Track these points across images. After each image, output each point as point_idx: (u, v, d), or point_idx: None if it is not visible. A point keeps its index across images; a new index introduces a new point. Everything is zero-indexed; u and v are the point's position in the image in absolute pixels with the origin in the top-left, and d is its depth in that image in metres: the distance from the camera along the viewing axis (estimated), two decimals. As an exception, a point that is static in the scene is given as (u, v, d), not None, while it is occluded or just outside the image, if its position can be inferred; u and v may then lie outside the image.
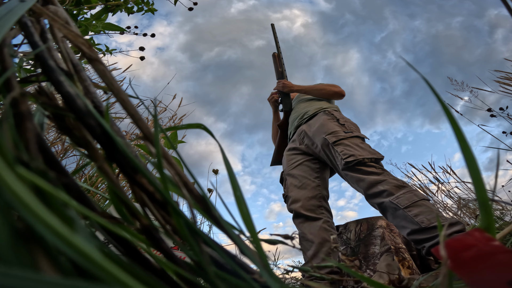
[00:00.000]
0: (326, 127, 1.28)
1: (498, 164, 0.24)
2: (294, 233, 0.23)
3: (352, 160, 1.11)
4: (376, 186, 1.05)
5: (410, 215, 0.94)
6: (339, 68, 34.59)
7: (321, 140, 1.26)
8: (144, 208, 0.20)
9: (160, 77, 12.30)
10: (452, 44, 22.25)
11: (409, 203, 0.96)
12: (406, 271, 1.25)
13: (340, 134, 1.22)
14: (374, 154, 1.14)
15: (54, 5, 0.30)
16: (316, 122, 1.36)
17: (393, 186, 1.02)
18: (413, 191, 1.00)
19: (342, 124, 1.29)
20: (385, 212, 1.04)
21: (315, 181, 1.33)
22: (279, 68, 1.70)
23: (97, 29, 1.01)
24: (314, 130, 1.33)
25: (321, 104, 1.49)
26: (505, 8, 0.35)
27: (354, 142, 1.19)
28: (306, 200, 1.28)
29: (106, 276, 0.12)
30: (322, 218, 1.24)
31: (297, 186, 1.34)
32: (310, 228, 1.23)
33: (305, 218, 1.26)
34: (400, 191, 1.00)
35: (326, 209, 1.29)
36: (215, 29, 31.18)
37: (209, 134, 0.26)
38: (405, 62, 0.25)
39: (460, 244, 0.19)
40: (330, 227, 1.23)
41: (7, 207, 0.12)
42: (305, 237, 1.23)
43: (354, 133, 1.23)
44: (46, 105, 0.20)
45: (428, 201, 0.99)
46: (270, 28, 1.77)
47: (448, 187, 2.55)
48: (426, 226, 0.90)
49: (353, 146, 1.16)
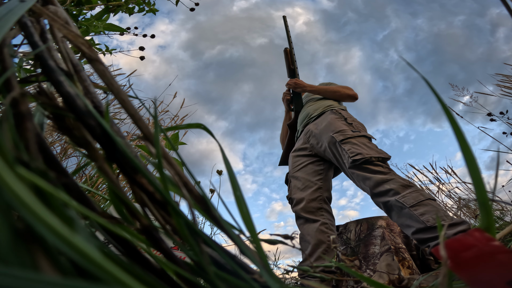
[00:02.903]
0: (333, 125, 1.28)
1: (498, 165, 0.24)
2: (294, 233, 0.23)
3: (360, 159, 1.11)
4: (383, 185, 1.05)
5: (416, 214, 0.94)
6: (341, 66, 34.61)
7: (328, 139, 1.26)
8: (144, 208, 0.20)
9: (161, 75, 12.30)
10: (454, 43, 22.25)
11: (415, 202, 0.96)
12: (406, 271, 1.25)
13: (347, 132, 1.22)
14: (381, 154, 1.14)
15: (54, 5, 0.30)
16: (323, 120, 1.36)
17: (399, 185, 1.02)
18: (420, 190, 1.00)
19: (350, 123, 1.29)
20: (390, 211, 1.04)
21: (317, 183, 1.34)
22: (291, 66, 1.60)
23: (98, 29, 1.01)
24: (321, 129, 1.33)
25: (328, 103, 1.48)
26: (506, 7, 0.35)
27: (361, 141, 1.19)
28: (307, 202, 1.30)
29: (106, 276, 0.12)
30: (320, 220, 1.26)
31: (300, 188, 1.36)
32: (308, 229, 1.26)
33: (305, 220, 1.29)
34: (407, 190, 1.00)
35: (326, 210, 1.30)
36: (217, 27, 31.18)
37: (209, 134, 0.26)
38: (405, 62, 0.25)
39: (460, 244, 0.19)
40: (328, 229, 1.24)
41: (7, 207, 0.12)
42: (304, 238, 1.27)
43: (362, 133, 1.24)
44: (46, 105, 0.20)
45: (434, 201, 0.98)
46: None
47: (449, 187, 2.55)
48: (431, 225, 0.90)
49: (360, 145, 1.16)
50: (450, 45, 23.00)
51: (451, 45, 22.85)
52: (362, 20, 35.23)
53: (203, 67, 28.29)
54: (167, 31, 23.33)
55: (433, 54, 31.33)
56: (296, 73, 1.62)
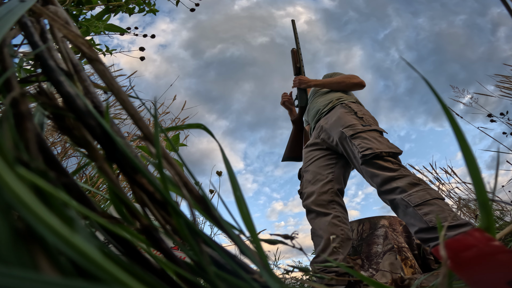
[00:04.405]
0: (343, 120, 1.26)
1: (498, 165, 0.24)
2: (294, 233, 0.23)
3: (370, 153, 1.09)
4: (390, 183, 1.03)
5: (420, 213, 0.93)
6: (342, 65, 34.55)
7: (338, 134, 1.24)
8: (144, 208, 0.20)
9: (162, 75, 12.26)
10: (455, 42, 22.24)
11: (421, 201, 0.95)
12: (409, 270, 1.25)
13: (357, 127, 1.20)
14: (392, 148, 1.11)
15: (54, 5, 0.30)
16: (333, 115, 1.34)
17: (407, 183, 1.00)
18: (427, 189, 0.98)
19: (360, 117, 1.26)
20: (397, 209, 1.03)
21: (328, 176, 1.31)
22: (297, 64, 1.67)
23: (98, 30, 1.01)
24: (331, 123, 1.31)
25: (338, 95, 1.45)
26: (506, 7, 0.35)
27: (372, 135, 1.16)
28: (318, 195, 1.27)
29: (106, 276, 0.12)
30: (331, 213, 1.22)
31: (311, 181, 1.33)
32: (320, 223, 1.22)
33: (316, 214, 1.25)
34: (414, 188, 0.98)
35: (338, 203, 1.27)
36: (218, 26, 31.16)
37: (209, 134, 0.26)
38: (405, 62, 0.25)
39: (460, 244, 0.19)
40: (341, 222, 1.21)
41: (7, 207, 0.12)
42: (316, 232, 1.23)
43: (373, 127, 1.20)
44: (46, 105, 0.20)
45: (442, 200, 0.97)
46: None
47: (449, 187, 2.55)
48: (434, 225, 0.89)
49: (370, 139, 1.14)
50: (451, 44, 22.97)
51: (452, 44, 22.82)
52: (363, 19, 35.17)
53: (204, 66, 28.21)
54: (168, 30, 23.31)
55: (434, 53, 31.26)
56: (302, 70, 1.67)
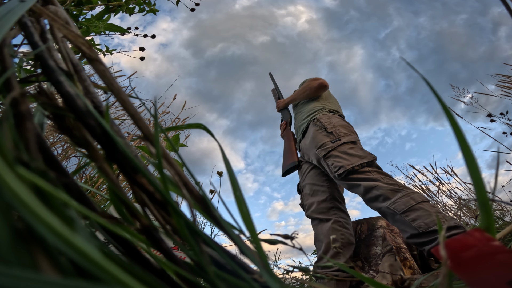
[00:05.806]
0: (315, 140, 1.30)
1: (498, 165, 0.24)
2: (294, 233, 0.23)
3: (343, 172, 1.12)
4: (371, 191, 1.04)
5: (408, 220, 0.93)
6: (343, 65, 34.57)
7: (315, 155, 1.29)
8: (144, 208, 0.20)
9: (163, 74, 12.25)
10: (456, 41, 22.27)
11: (406, 208, 0.95)
12: (408, 271, 1.25)
13: (328, 145, 1.23)
14: (365, 158, 1.13)
15: (54, 5, 0.30)
16: (308, 135, 1.40)
17: (387, 190, 1.01)
18: (410, 194, 0.99)
19: (330, 132, 1.28)
20: (386, 217, 1.04)
21: (324, 185, 1.36)
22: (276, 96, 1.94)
23: (99, 30, 1.01)
24: (307, 145, 1.37)
25: (310, 108, 1.50)
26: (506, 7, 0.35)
27: (342, 150, 1.19)
28: (318, 204, 1.33)
29: (106, 276, 0.12)
30: (332, 219, 1.27)
31: (309, 194, 1.39)
32: (322, 229, 1.28)
33: (319, 221, 1.31)
34: (396, 195, 0.99)
35: (338, 209, 1.32)
36: (219, 25, 31.17)
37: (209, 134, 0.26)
38: (405, 62, 0.25)
39: (460, 244, 0.19)
40: (341, 227, 1.25)
41: (7, 207, 0.12)
42: (317, 237, 1.29)
43: (342, 139, 1.23)
44: (46, 105, 0.20)
45: (427, 203, 0.97)
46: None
47: (449, 187, 2.55)
48: (424, 230, 0.89)
49: (342, 156, 1.16)
50: (452, 44, 23.00)
51: (453, 43, 22.85)
52: (364, 18, 35.19)
53: (204, 65, 28.21)
54: (169, 29, 23.29)
55: (435, 52, 31.28)
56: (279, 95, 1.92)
